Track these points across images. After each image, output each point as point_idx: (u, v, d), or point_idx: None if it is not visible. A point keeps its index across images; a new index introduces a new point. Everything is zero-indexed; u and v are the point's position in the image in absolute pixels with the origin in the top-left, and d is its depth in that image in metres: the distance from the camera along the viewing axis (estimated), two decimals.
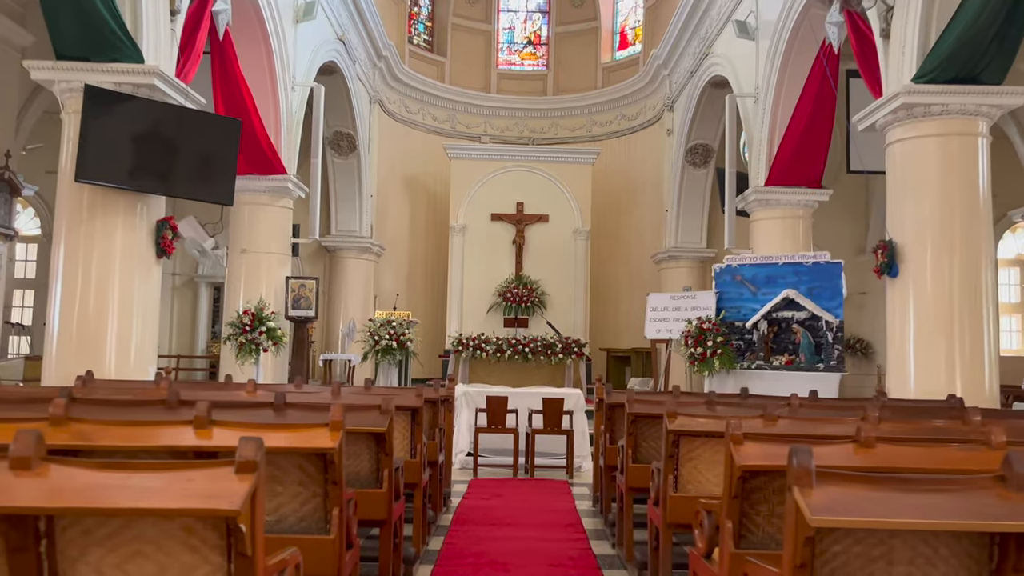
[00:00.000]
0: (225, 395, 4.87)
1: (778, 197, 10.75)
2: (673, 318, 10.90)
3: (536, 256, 16.87)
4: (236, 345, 9.68)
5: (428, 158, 18.49)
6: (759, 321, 10.20)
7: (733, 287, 10.65)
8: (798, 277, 10.35)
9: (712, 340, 9.75)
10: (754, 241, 11.14)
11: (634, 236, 18.32)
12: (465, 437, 9.21)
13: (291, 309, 10.77)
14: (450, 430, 6.79)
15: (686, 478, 3.98)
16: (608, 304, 18.34)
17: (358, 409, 3.87)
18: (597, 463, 6.79)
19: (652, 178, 17.81)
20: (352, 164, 16.22)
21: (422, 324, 17.71)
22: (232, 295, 10.70)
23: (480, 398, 9.08)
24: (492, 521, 6.26)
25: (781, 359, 10.16)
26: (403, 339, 11.29)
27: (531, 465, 8.56)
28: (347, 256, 16.66)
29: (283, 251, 11.03)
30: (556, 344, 13.36)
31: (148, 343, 7.15)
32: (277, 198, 10.91)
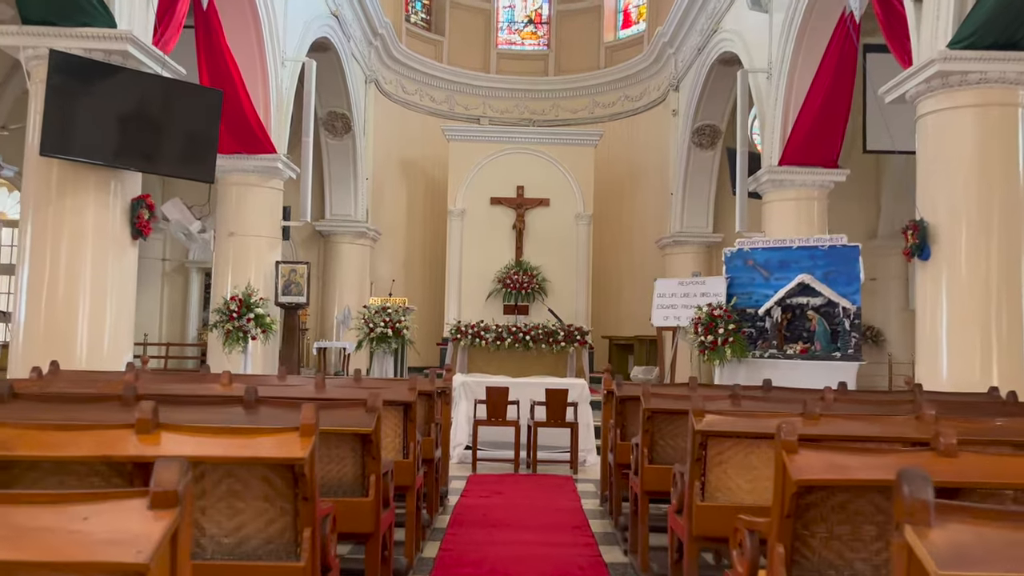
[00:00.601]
0: (196, 388, 4.38)
1: (792, 177, 10.25)
2: (681, 304, 10.42)
3: (537, 241, 16.37)
4: (223, 333, 9.20)
5: (426, 140, 17.95)
6: (772, 307, 9.71)
7: (745, 272, 10.16)
8: (813, 261, 9.86)
9: (724, 327, 9.26)
10: (767, 224, 10.64)
11: (637, 221, 17.81)
12: (463, 430, 8.74)
13: (281, 295, 10.27)
14: (447, 424, 6.33)
15: (715, 485, 3.50)
16: (610, 291, 17.86)
17: (341, 406, 3.39)
18: (605, 460, 6.32)
19: (656, 161, 17.29)
20: (347, 146, 15.68)
21: (419, 311, 17.22)
22: (220, 280, 10.21)
23: (479, 389, 8.60)
24: (492, 523, 5.79)
25: (795, 347, 9.68)
26: (399, 327, 10.81)
27: (533, 460, 8.09)
28: (342, 241, 16.15)
29: (273, 234, 10.52)
30: (558, 332, 12.90)
31: (123, 331, 6.67)
32: (266, 179, 10.39)
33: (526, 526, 5.75)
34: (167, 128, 6.82)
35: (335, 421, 3.28)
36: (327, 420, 3.28)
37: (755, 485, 3.52)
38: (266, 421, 3.17)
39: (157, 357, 14.92)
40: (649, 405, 4.35)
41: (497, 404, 8.07)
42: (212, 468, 2.45)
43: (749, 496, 3.51)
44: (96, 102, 6.30)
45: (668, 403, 4.41)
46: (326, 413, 3.33)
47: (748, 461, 3.50)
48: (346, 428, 3.26)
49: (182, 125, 6.86)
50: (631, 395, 5.35)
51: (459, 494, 6.78)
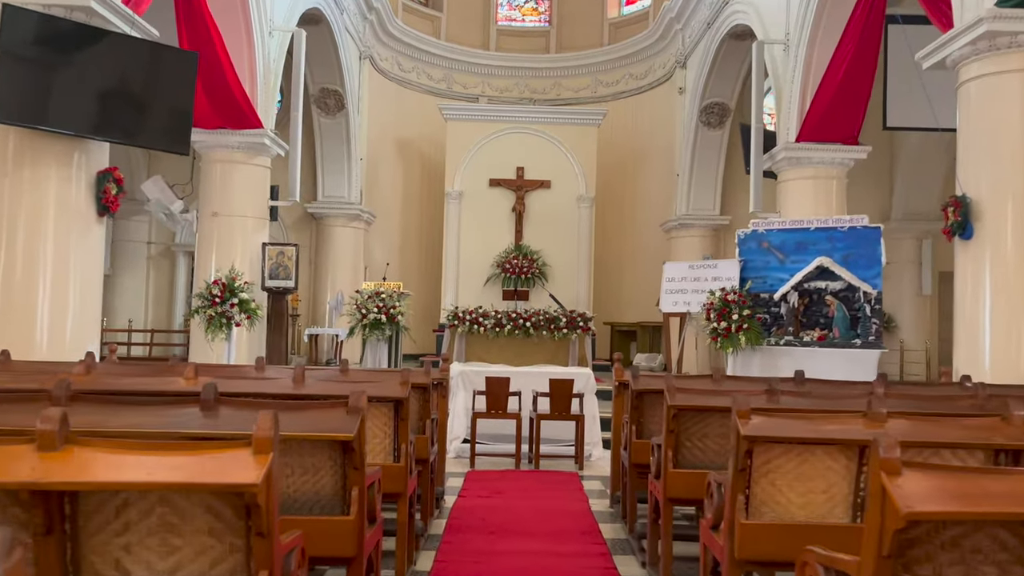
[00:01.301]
0: (156, 383, 3.82)
1: (810, 155, 9.67)
2: (692, 289, 9.86)
3: (537, 224, 15.80)
4: (205, 319, 8.64)
5: (423, 120, 17.30)
6: (789, 292, 9.15)
7: (759, 255, 9.60)
8: (832, 244, 9.30)
9: (738, 313, 8.71)
10: (782, 204, 10.08)
11: (641, 203, 17.23)
12: (461, 422, 8.20)
13: (268, 279, 9.70)
14: (444, 419, 5.79)
15: (761, 498, 2.95)
16: (612, 276, 17.31)
17: (317, 407, 2.83)
18: (617, 458, 5.78)
19: (661, 141, 16.68)
20: (340, 124, 15.07)
21: (415, 297, 16.64)
22: (203, 263, 9.64)
23: (478, 379, 8.05)
24: (492, 528, 5.25)
25: (812, 334, 9.14)
26: (393, 313, 10.25)
27: (536, 455, 7.56)
28: (335, 224, 15.56)
29: (260, 215, 9.94)
30: (560, 318, 12.34)
31: (88, 316, 6.10)
32: (252, 155, 9.79)
33: (530, 532, 5.21)
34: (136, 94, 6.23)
35: (309, 425, 2.72)
36: (300, 424, 2.73)
37: (808, 499, 2.98)
38: (226, 425, 2.62)
39: (142, 344, 14.37)
40: (675, 402, 3.80)
41: (497, 396, 7.53)
42: (140, 494, 1.89)
43: (801, 512, 2.97)
44: (56, 64, 5.71)
45: (696, 399, 3.86)
46: (300, 416, 2.78)
47: (801, 471, 2.96)
48: (322, 434, 2.70)
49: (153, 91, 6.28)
50: (650, 389, 4.80)
51: (456, 494, 6.25)
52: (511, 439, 7.80)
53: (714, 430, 3.93)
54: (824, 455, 2.94)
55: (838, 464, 2.94)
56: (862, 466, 2.93)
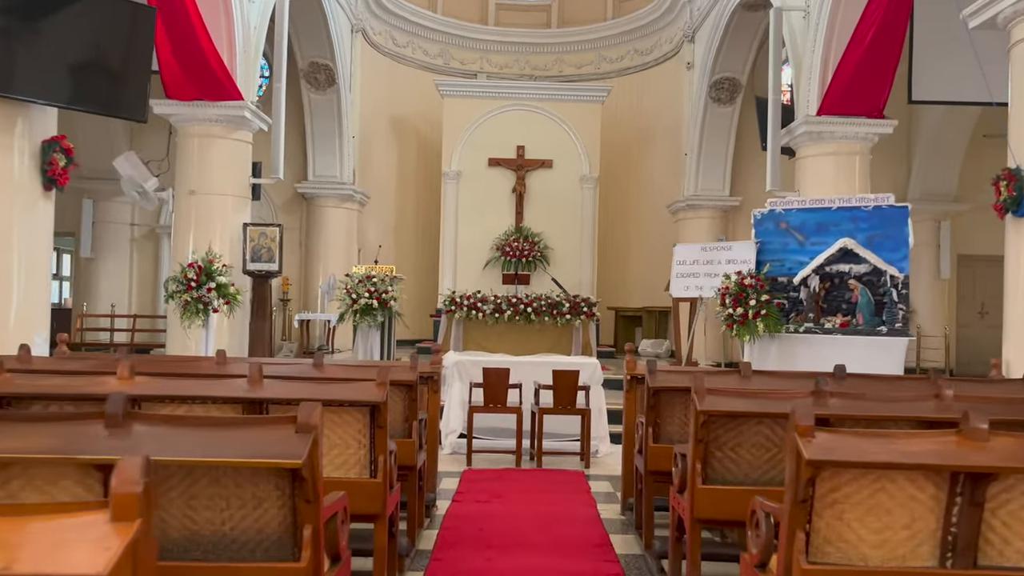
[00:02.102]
0: (79, 385, 3.18)
1: (832, 129, 9.00)
2: (704, 273, 9.23)
3: (538, 206, 15.16)
4: (180, 305, 8.01)
5: (418, 97, 16.59)
6: (809, 276, 8.51)
7: (777, 236, 8.95)
8: (855, 224, 8.65)
9: (756, 299, 8.08)
10: (801, 182, 9.42)
11: (647, 184, 16.55)
12: (457, 415, 7.59)
13: (250, 262, 9.06)
14: (435, 417, 5.16)
15: (825, 535, 2.32)
16: (616, 259, 16.67)
17: (257, 424, 2.20)
18: (629, 461, 5.16)
19: (668, 119, 15.99)
20: (331, 100, 14.37)
21: (411, 281, 16.02)
22: (179, 245, 9.00)
23: (475, 369, 7.43)
24: (490, 541, 4.64)
25: (834, 321, 8.50)
26: (385, 297, 9.61)
27: (538, 452, 6.94)
28: (326, 204, 14.91)
29: (241, 193, 9.28)
30: (563, 303, 11.70)
31: (35, 302, 5.47)
32: (232, 129, 9.12)
33: (533, 544, 4.60)
34: (86, 53, 5.56)
35: (248, 449, 2.09)
36: (238, 445, 2.11)
37: (885, 537, 2.35)
38: (134, 450, 1.99)
39: (125, 331, 13.75)
40: (705, 406, 3.17)
41: (496, 388, 6.91)
42: None
43: (876, 553, 2.35)
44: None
45: (731, 403, 3.23)
46: (239, 435, 2.16)
47: (876, 502, 2.33)
48: (264, 460, 2.07)
49: (106, 50, 5.62)
50: (669, 386, 4.16)
51: (450, 498, 5.63)
52: (511, 433, 7.19)
53: (749, 438, 3.30)
54: (907, 482, 2.31)
55: (924, 494, 2.32)
56: (955, 496, 2.30)
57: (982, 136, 14.64)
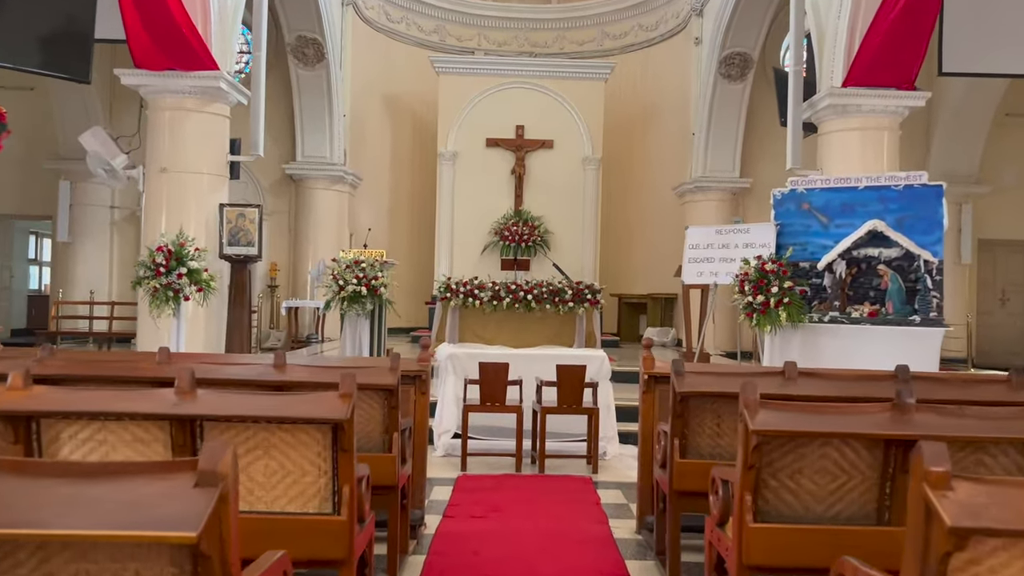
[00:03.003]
0: None
1: (859, 102, 8.29)
2: (719, 258, 8.54)
3: (539, 188, 14.45)
4: (149, 292, 7.32)
5: (413, 75, 15.85)
6: (835, 260, 7.81)
7: (799, 218, 8.24)
8: (884, 205, 7.95)
9: (778, 285, 7.39)
10: (824, 159, 8.71)
11: (652, 165, 15.83)
12: (452, 413, 6.92)
13: (227, 245, 8.35)
14: (422, 423, 4.48)
15: None
16: (620, 244, 15.98)
17: (139, 473, 1.51)
18: (647, 473, 4.48)
19: (674, 98, 15.25)
20: (320, 76, 13.63)
21: (406, 266, 15.32)
22: (150, 227, 8.30)
23: (471, 363, 6.76)
24: (487, 570, 3.97)
25: (862, 309, 7.81)
26: (375, 284, 8.91)
27: (541, 455, 6.26)
28: (316, 187, 14.20)
29: (217, 171, 8.56)
30: (565, 290, 11.02)
31: None
32: (206, 102, 8.40)
33: (537, 573, 3.93)
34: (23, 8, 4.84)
35: (121, 514, 1.40)
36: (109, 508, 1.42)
37: None
38: None
39: (104, 318, 13.06)
40: (760, 425, 2.48)
41: (494, 385, 6.23)
42: None
43: None
44: None
45: (790, 419, 2.54)
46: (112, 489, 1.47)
47: None
48: (132, 533, 1.38)
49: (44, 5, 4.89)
50: (700, 391, 3.47)
51: (441, 512, 4.95)
52: (510, 433, 6.53)
53: (811, 463, 2.62)
54: None
55: None
56: None
57: (1005, 115, 13.97)
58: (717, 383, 3.46)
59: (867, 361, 7.62)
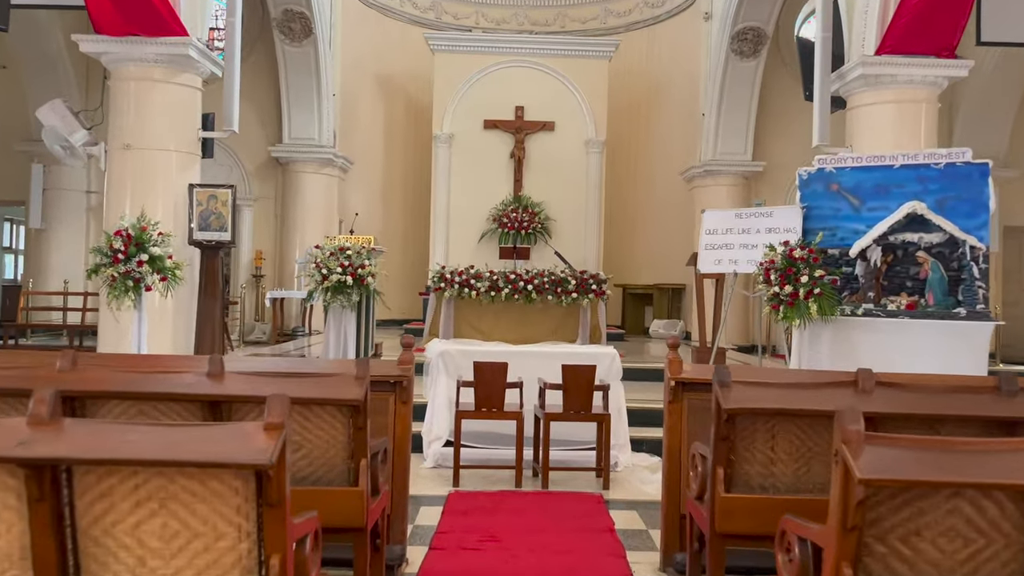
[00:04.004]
0: None
1: (894, 72, 7.50)
2: (740, 244, 7.78)
3: (539, 172, 13.67)
4: (106, 281, 6.55)
5: (407, 54, 15.05)
6: (869, 247, 7.05)
7: (827, 200, 7.45)
8: (923, 185, 7.17)
9: (809, 274, 6.63)
10: (854, 136, 7.93)
11: (659, 149, 15.04)
12: (443, 418, 6.17)
13: (198, 230, 7.58)
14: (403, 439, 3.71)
15: None
16: (625, 231, 15.22)
17: None
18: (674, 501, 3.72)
19: (681, 77, 14.45)
20: (307, 53, 12.83)
21: (399, 255, 14.59)
22: (113, 210, 7.53)
23: (465, 362, 6.00)
24: None
25: (899, 301, 7.05)
26: (361, 273, 8.15)
27: (544, 469, 5.51)
28: (304, 170, 13.41)
29: (187, 148, 7.78)
30: (568, 280, 10.26)
31: None
32: (175, 72, 7.61)
33: None
34: None
35: None
36: None
37: None
38: None
39: (77, 310, 12.28)
40: (867, 472, 1.72)
41: (490, 387, 5.47)
42: None
43: None
44: None
45: (909, 464, 1.78)
46: None
47: None
48: None
49: None
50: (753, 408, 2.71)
51: (428, 542, 4.20)
52: (509, 440, 5.79)
53: (935, 520, 1.86)
54: None
55: None
56: None
57: None
58: (775, 397, 2.70)
59: (906, 359, 6.89)
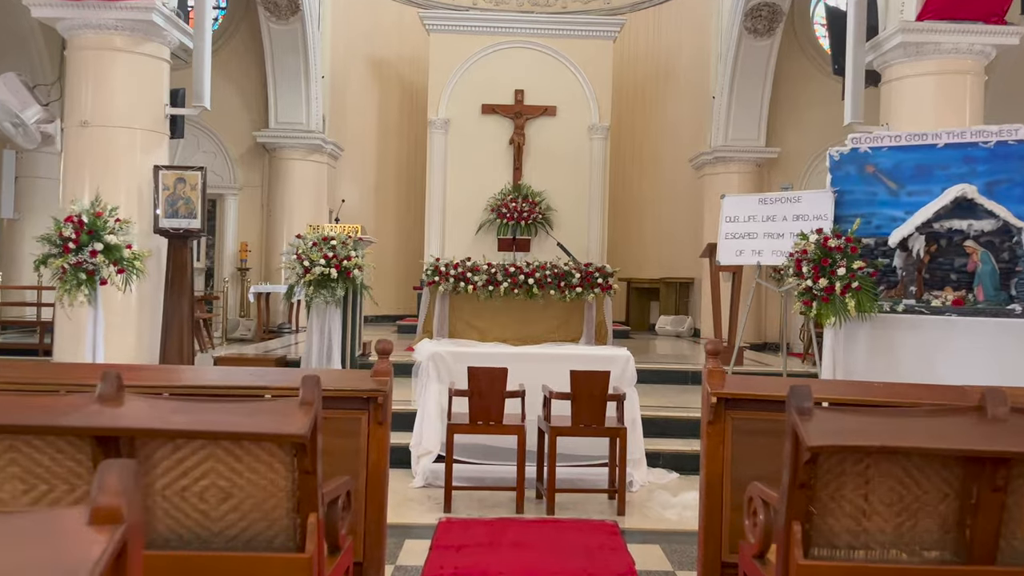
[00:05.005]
0: None
1: (938, 39, 6.76)
2: (764, 232, 7.04)
3: (540, 160, 12.96)
4: (56, 274, 5.82)
5: (402, 36, 14.33)
6: (912, 236, 6.32)
7: (861, 183, 6.72)
8: (970, 166, 6.44)
9: (847, 266, 5.90)
10: (891, 112, 7.18)
11: (666, 135, 14.29)
12: (435, 430, 5.43)
13: (164, 217, 6.83)
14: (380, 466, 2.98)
15: None
16: (630, 222, 14.49)
17: None
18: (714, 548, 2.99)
19: (691, 58, 13.70)
20: (294, 31, 12.06)
21: (393, 247, 13.88)
22: (69, 193, 6.77)
23: (459, 365, 5.27)
24: None
25: (944, 296, 6.33)
26: (347, 265, 7.41)
27: (550, 491, 4.77)
28: (291, 157, 12.66)
29: (152, 126, 7.03)
30: (572, 273, 9.52)
31: None
32: (138, 41, 6.85)
33: None
34: None
35: None
36: None
37: None
38: None
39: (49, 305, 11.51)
40: None
41: (488, 396, 4.73)
42: None
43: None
44: None
45: None
46: None
47: None
48: None
49: None
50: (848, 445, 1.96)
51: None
52: (508, 454, 5.08)
53: None
54: None
55: None
56: None
57: None
58: (876, 429, 1.96)
59: (953, 362, 6.20)
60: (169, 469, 1.97)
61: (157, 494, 1.98)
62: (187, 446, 1.92)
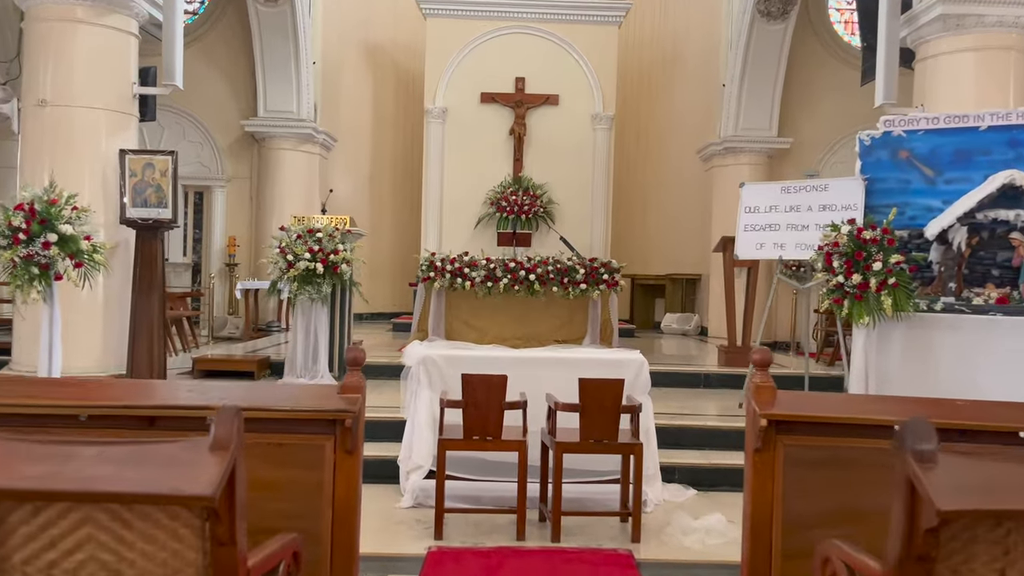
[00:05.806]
0: None
1: (981, 11, 6.17)
2: (787, 224, 6.46)
3: (541, 151, 12.38)
4: (6, 268, 5.24)
5: (398, 22, 13.76)
6: (952, 227, 5.74)
7: (894, 171, 6.14)
8: (1015, 151, 5.87)
9: (883, 260, 5.32)
10: (928, 92, 6.58)
11: (673, 125, 13.70)
12: (426, 442, 4.85)
13: (131, 206, 6.24)
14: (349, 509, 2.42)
15: None
16: (635, 216, 13.93)
17: None
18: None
19: (700, 44, 13.12)
20: (284, 14, 11.47)
21: (389, 241, 13.33)
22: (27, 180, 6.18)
23: (452, 371, 4.69)
24: None
25: (986, 294, 5.74)
26: (334, 259, 6.84)
27: (555, 515, 4.19)
28: (281, 147, 12.07)
29: (119, 107, 6.43)
30: (576, 269, 8.95)
31: None
32: (103, 12, 6.26)
33: None
34: None
35: None
36: None
37: None
38: None
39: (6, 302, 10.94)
40: None
41: (484, 408, 4.15)
42: None
43: None
44: None
45: None
46: None
47: None
48: None
49: None
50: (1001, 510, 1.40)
51: None
52: (508, 469, 4.50)
53: None
54: None
55: None
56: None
57: None
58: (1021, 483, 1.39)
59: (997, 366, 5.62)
60: (30, 538, 1.40)
61: (15, 570, 1.41)
62: (50, 508, 1.36)
